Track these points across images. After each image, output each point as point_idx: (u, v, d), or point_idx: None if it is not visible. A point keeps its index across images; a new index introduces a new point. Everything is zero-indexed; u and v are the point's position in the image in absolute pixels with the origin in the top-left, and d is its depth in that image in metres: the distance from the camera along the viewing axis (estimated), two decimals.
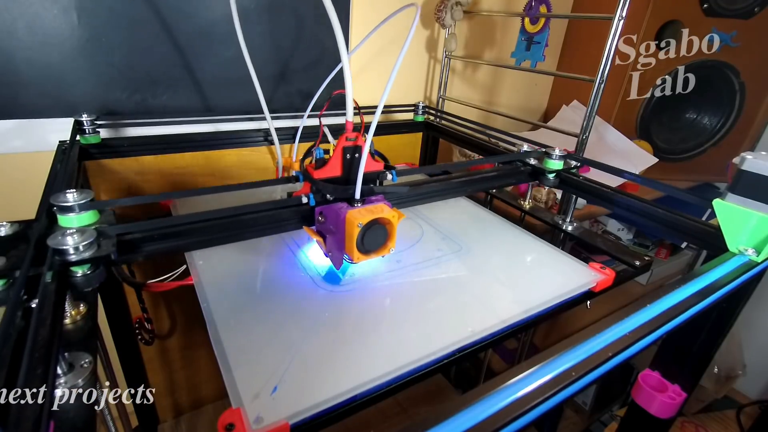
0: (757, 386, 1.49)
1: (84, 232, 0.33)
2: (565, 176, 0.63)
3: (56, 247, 0.32)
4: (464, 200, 0.74)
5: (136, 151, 0.70)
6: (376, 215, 0.40)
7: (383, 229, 0.41)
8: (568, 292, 0.48)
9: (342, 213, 0.41)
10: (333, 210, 0.42)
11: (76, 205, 0.35)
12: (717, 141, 1.23)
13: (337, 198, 0.43)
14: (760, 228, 0.43)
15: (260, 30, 0.79)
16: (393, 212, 0.41)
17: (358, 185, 0.41)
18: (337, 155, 0.44)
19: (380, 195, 0.44)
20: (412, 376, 0.37)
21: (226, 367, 0.35)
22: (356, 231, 0.39)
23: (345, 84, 0.40)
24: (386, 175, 0.46)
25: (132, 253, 0.38)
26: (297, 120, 0.84)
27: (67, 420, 0.26)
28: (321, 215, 0.44)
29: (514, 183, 0.65)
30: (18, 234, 0.35)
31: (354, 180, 0.42)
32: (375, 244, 0.42)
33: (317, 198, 0.44)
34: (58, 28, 0.64)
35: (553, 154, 0.62)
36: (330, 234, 0.44)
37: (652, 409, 0.53)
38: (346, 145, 0.43)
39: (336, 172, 0.44)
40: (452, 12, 0.93)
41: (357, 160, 0.43)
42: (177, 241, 0.40)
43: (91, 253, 0.33)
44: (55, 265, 0.31)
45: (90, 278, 0.33)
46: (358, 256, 0.41)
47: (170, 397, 0.92)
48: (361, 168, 0.41)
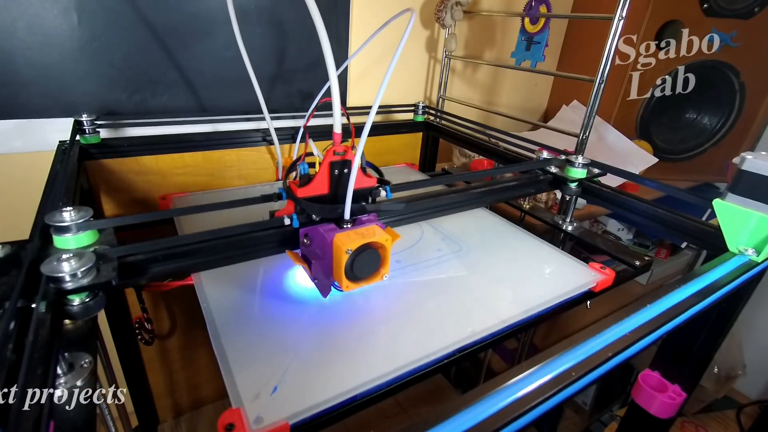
0: (757, 386, 1.49)
1: (82, 255, 0.30)
2: (588, 185, 0.61)
3: (50, 275, 0.29)
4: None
5: (136, 151, 0.70)
6: (367, 239, 0.35)
7: (375, 254, 0.37)
8: (568, 292, 0.48)
9: (329, 237, 0.36)
10: (319, 232, 0.38)
11: (73, 225, 0.32)
12: (717, 141, 1.23)
13: (324, 218, 0.39)
14: (760, 228, 0.43)
15: (260, 31, 0.79)
16: (385, 234, 0.37)
17: (347, 205, 0.37)
18: (324, 171, 0.39)
19: (373, 214, 0.40)
20: (412, 376, 0.37)
21: (226, 367, 0.35)
22: (345, 257, 0.35)
23: (332, 92, 0.36)
24: (380, 191, 0.42)
25: (135, 277, 0.35)
26: (296, 120, 0.84)
27: (67, 420, 0.26)
28: (306, 237, 0.40)
29: (534, 192, 0.62)
30: (10, 257, 0.32)
31: (343, 198, 0.37)
32: (366, 271, 0.37)
33: (301, 219, 0.40)
34: (58, 28, 0.64)
35: (575, 162, 0.59)
36: (316, 259, 0.39)
37: (652, 409, 0.53)
38: (334, 159, 0.39)
39: (323, 189, 0.40)
40: (452, 12, 0.93)
41: (346, 177, 0.39)
42: (183, 261, 0.38)
43: (90, 280, 0.30)
44: (50, 294, 0.29)
45: (89, 306, 0.30)
46: (347, 284, 0.36)
47: (170, 397, 0.92)
48: (350, 185, 0.36)
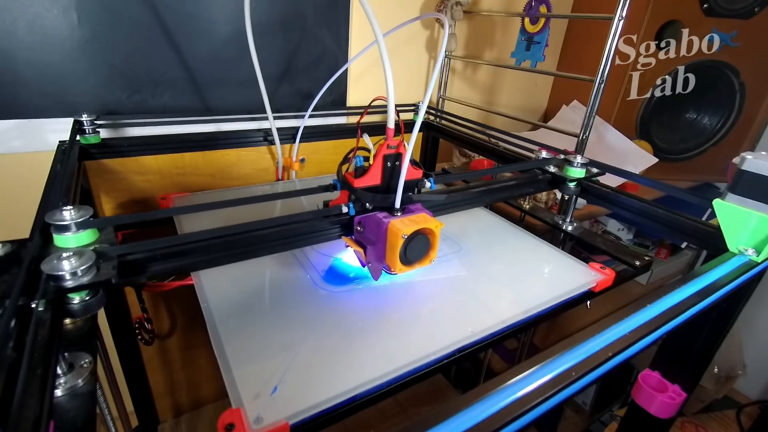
0: (757, 386, 1.49)
1: (82, 254, 0.31)
2: (587, 185, 0.61)
3: (51, 273, 0.29)
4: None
5: (136, 151, 0.70)
6: (419, 225, 0.39)
7: (426, 240, 0.40)
8: (568, 292, 0.48)
9: (385, 223, 0.39)
10: (374, 219, 0.41)
11: (73, 224, 0.32)
12: (717, 141, 1.23)
13: (376, 207, 0.42)
14: (760, 228, 0.43)
15: (260, 31, 0.79)
16: (435, 221, 0.40)
17: (398, 194, 0.40)
18: (378, 163, 0.42)
19: (418, 204, 0.43)
20: (412, 376, 0.37)
21: (226, 367, 0.35)
22: (400, 242, 0.38)
23: (387, 90, 0.38)
24: (424, 183, 0.45)
25: (135, 275, 0.35)
26: (295, 120, 0.84)
27: (67, 420, 0.26)
28: (360, 225, 0.43)
29: (533, 192, 0.63)
30: (10, 255, 0.32)
31: (394, 188, 0.41)
32: (418, 255, 0.40)
33: (356, 207, 0.43)
34: (58, 28, 0.64)
35: (574, 161, 0.60)
36: (369, 244, 0.42)
37: (652, 409, 0.53)
38: (388, 152, 0.42)
39: (376, 180, 0.43)
40: (452, 12, 0.93)
41: (398, 169, 0.42)
42: (183, 260, 0.38)
43: (90, 278, 0.30)
44: (50, 292, 0.29)
45: (89, 305, 0.31)
46: (400, 268, 0.39)
47: (170, 397, 0.92)
48: (402, 176, 0.40)
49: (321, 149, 0.87)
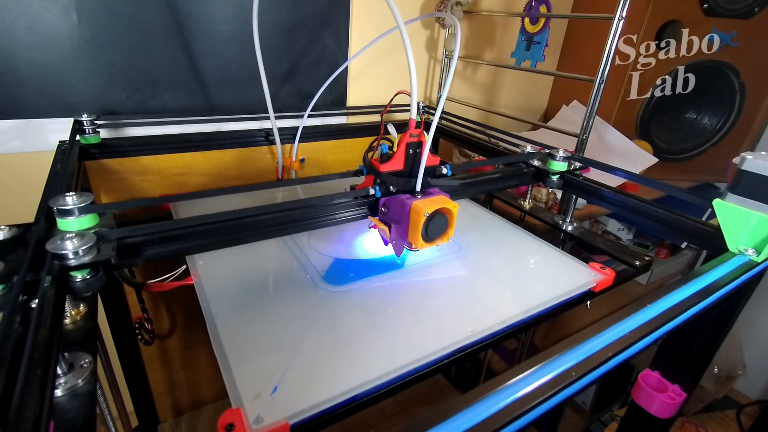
0: (757, 386, 1.49)
1: (83, 236, 0.33)
2: (569, 178, 0.63)
3: (55, 252, 0.31)
4: (465, 200, 0.74)
5: (136, 151, 0.70)
6: (439, 205, 0.43)
7: (444, 218, 0.44)
8: (568, 292, 0.48)
9: (408, 203, 0.43)
10: (398, 201, 0.45)
11: (75, 209, 0.35)
12: (717, 141, 1.22)
13: (399, 190, 0.46)
14: (760, 228, 0.43)
15: (260, 31, 0.79)
16: (453, 202, 0.44)
17: (419, 178, 0.45)
18: (401, 150, 0.46)
19: (435, 188, 0.47)
20: (412, 376, 0.37)
21: (226, 367, 0.35)
22: (422, 220, 0.42)
23: (411, 84, 0.42)
24: (441, 169, 0.49)
25: (133, 257, 0.37)
26: (296, 120, 0.84)
27: (67, 420, 0.26)
28: (384, 206, 0.47)
29: (518, 185, 0.64)
30: (16, 238, 0.35)
31: (415, 173, 0.45)
32: (437, 232, 0.44)
33: (382, 190, 0.47)
34: (58, 28, 0.64)
35: (556, 155, 0.62)
36: (393, 223, 0.46)
37: (652, 409, 0.53)
38: (410, 141, 0.45)
39: (399, 165, 0.47)
40: (452, 12, 0.93)
41: (419, 155, 0.46)
42: (180, 245, 0.39)
43: (91, 258, 0.32)
44: (54, 270, 0.31)
45: (90, 283, 0.33)
46: (421, 244, 0.43)
47: (170, 397, 0.92)
48: (422, 162, 0.44)
49: (321, 149, 0.87)
